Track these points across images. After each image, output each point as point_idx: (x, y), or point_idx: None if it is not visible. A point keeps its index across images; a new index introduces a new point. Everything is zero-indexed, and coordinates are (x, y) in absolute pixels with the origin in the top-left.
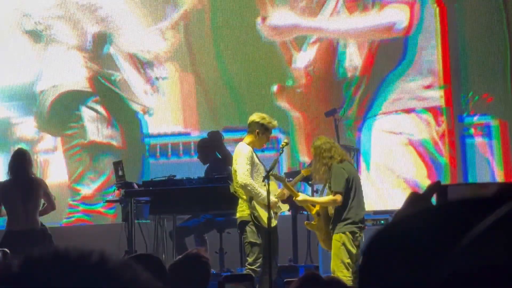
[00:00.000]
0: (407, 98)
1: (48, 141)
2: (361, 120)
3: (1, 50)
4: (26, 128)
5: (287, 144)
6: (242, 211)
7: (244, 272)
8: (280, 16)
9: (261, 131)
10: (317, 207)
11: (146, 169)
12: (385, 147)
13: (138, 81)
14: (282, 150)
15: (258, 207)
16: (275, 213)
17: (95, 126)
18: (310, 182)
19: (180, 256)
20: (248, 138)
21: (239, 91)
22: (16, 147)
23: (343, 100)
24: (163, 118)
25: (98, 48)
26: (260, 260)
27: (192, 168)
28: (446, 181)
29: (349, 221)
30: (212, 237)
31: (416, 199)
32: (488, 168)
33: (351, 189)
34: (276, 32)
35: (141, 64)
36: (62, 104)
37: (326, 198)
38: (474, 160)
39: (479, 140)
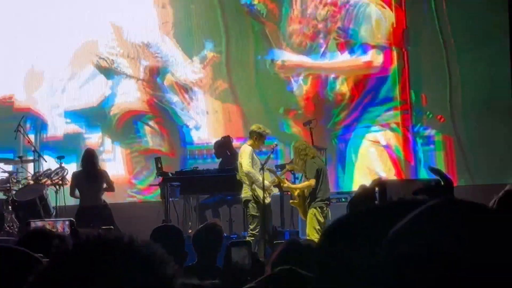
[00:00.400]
0: (382, 118)
1: (109, 147)
2: (347, 131)
3: (78, 79)
4: (95, 138)
5: (276, 145)
6: (245, 193)
7: (247, 236)
8: (285, 56)
9: (258, 137)
10: (298, 190)
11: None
12: (364, 151)
13: (180, 102)
14: (273, 151)
15: (257, 189)
16: (269, 194)
17: (149, 137)
18: (293, 172)
19: (202, 225)
20: (249, 142)
21: (255, 113)
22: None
23: (331, 117)
24: (200, 131)
25: (151, 76)
26: (258, 228)
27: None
28: (407, 176)
29: (318, 199)
30: (223, 211)
31: (364, 189)
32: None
33: (320, 177)
34: (282, 69)
35: (184, 89)
36: (125, 120)
37: (303, 184)
38: (425, 162)
39: (428, 148)
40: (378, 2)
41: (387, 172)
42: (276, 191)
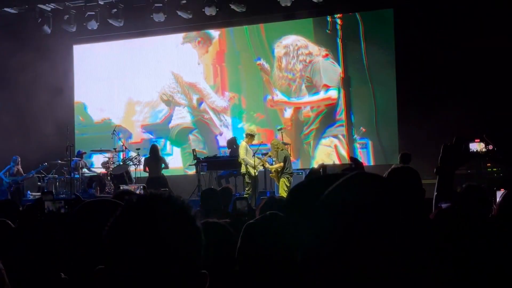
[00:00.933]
0: (332, 131)
1: (169, 148)
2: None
3: (153, 110)
4: (160, 143)
5: (262, 142)
6: (242, 170)
7: (244, 194)
8: (277, 97)
9: (250, 136)
10: (274, 169)
11: None
12: (320, 151)
13: (215, 119)
14: (260, 144)
15: (249, 168)
16: (257, 170)
17: (195, 144)
18: (270, 157)
19: (220, 188)
20: (245, 139)
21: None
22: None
23: (302, 130)
24: (223, 137)
25: (197, 104)
26: (250, 190)
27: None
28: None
29: (286, 173)
30: (232, 180)
31: (314, 168)
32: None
33: (286, 161)
34: (273, 105)
35: (216, 111)
36: (179, 133)
37: (276, 165)
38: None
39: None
40: (330, 61)
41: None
42: (261, 168)
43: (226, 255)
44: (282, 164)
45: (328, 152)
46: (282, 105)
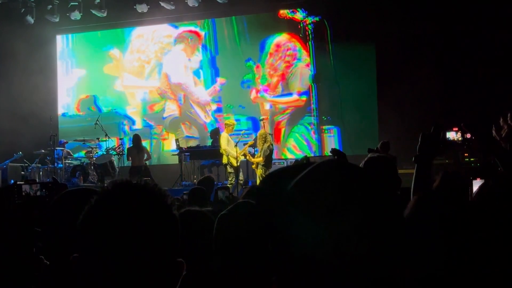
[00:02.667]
0: (304, 121)
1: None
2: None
3: (150, 101)
4: (158, 129)
5: (244, 132)
6: (224, 160)
7: (227, 184)
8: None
9: (227, 126)
10: (255, 161)
11: None
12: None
13: (199, 113)
14: (242, 135)
15: (230, 158)
16: (238, 160)
17: (188, 131)
18: (252, 146)
19: (202, 177)
20: (225, 130)
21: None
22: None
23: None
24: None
25: (185, 100)
26: (233, 179)
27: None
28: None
29: (262, 164)
30: (214, 169)
31: (298, 161)
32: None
33: (270, 154)
34: (258, 99)
35: (202, 107)
36: (172, 122)
37: (257, 159)
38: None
39: (328, 135)
40: (306, 65)
41: (304, 149)
42: (243, 158)
43: (207, 242)
44: (261, 159)
45: (300, 140)
46: (262, 101)
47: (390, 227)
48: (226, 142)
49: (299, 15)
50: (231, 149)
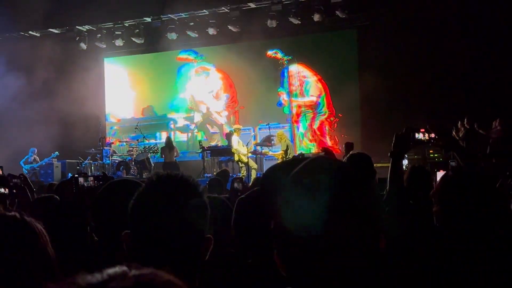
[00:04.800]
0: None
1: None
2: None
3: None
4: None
5: (253, 134)
6: (236, 158)
7: (240, 175)
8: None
9: (236, 130)
10: (280, 156)
11: None
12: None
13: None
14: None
15: (241, 155)
16: (246, 156)
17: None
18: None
19: (219, 170)
20: (234, 133)
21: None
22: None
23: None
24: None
25: (203, 118)
26: (245, 172)
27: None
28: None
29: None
30: (230, 164)
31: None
32: None
33: (288, 148)
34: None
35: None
36: (199, 125)
37: (278, 153)
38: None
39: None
40: (317, 80)
41: (323, 141)
42: (249, 154)
43: (225, 223)
44: (282, 152)
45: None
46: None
47: (367, 207)
48: (236, 143)
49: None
50: (240, 148)
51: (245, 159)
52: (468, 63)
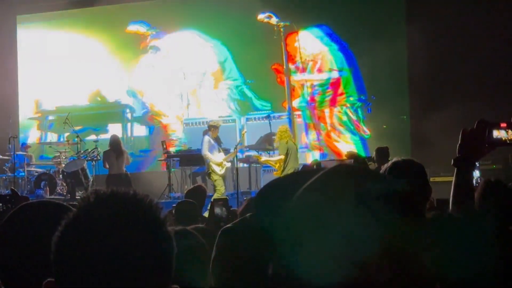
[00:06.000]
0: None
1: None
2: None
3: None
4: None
5: (245, 132)
6: (208, 167)
7: (212, 196)
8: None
9: (212, 128)
10: (277, 164)
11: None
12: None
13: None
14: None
15: (212, 164)
16: (222, 168)
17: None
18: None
19: (192, 186)
20: (209, 131)
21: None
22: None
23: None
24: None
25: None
26: (222, 187)
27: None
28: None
29: (287, 168)
30: (204, 179)
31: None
32: None
33: (288, 155)
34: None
35: None
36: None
37: (273, 158)
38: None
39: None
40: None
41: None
42: (228, 165)
43: (201, 266)
44: (282, 157)
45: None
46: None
47: (418, 255)
48: (207, 146)
49: None
50: (213, 154)
51: (218, 172)
52: None
